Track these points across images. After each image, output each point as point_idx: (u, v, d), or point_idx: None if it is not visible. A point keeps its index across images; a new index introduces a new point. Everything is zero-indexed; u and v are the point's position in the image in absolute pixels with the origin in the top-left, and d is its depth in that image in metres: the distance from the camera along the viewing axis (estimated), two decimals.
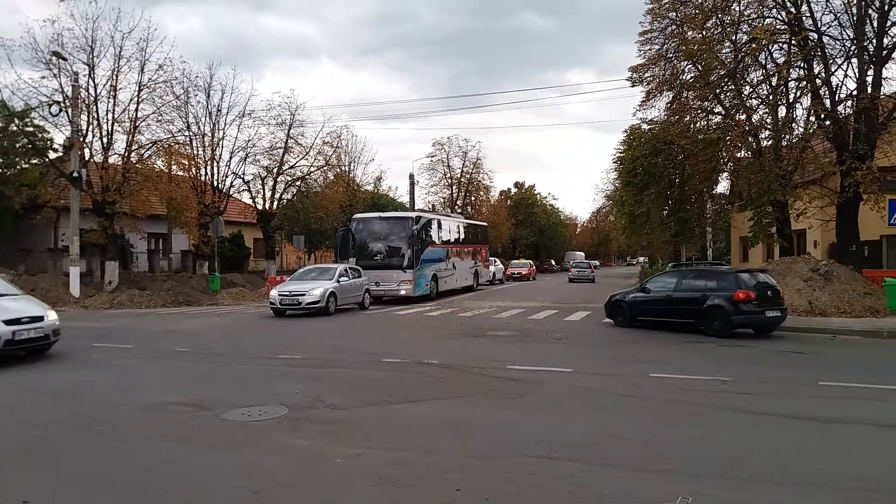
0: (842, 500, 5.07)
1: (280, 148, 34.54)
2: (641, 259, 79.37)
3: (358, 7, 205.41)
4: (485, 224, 42.10)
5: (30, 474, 5.80)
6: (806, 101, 22.82)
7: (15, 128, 26.81)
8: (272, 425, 7.26)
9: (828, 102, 21.66)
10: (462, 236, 33.60)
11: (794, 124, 23.22)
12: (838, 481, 5.47)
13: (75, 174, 24.73)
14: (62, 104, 25.09)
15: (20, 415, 8.01)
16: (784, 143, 23.18)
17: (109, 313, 22.50)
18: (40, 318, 11.61)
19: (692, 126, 25.67)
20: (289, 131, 34.37)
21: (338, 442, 6.60)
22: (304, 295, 20.17)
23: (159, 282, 29.09)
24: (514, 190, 79.62)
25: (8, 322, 11.09)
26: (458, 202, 61.08)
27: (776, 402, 8.41)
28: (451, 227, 32.13)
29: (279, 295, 20.41)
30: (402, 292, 25.52)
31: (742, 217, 29.81)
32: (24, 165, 28.75)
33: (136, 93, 26.47)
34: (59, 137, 27.21)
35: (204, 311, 23.38)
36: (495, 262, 44.59)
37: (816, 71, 21.98)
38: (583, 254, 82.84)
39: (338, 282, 21.45)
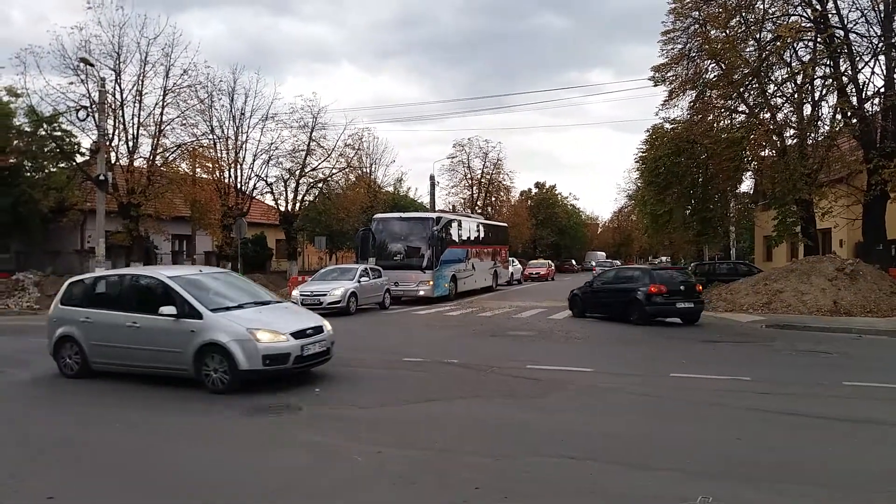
0: (866, 501, 5.02)
1: (302, 150, 34.73)
2: (663, 259, 78.65)
3: (377, 11, 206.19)
4: (504, 225, 41.71)
5: (54, 470, 5.93)
6: (832, 98, 22.53)
7: (43, 132, 27.25)
8: (292, 423, 7.34)
9: (854, 100, 21.38)
10: (481, 237, 33.30)
11: (819, 122, 22.95)
12: (863, 482, 5.42)
13: (101, 177, 25.06)
14: (89, 109, 25.47)
15: (37, 412, 8.17)
16: (809, 142, 22.91)
17: None
18: (320, 329, 9.72)
19: (715, 125, 25.41)
20: (311, 134, 34.54)
21: (357, 440, 6.65)
22: (325, 295, 20.30)
23: None
24: (534, 190, 79.30)
25: (295, 335, 9.14)
26: (478, 203, 60.97)
27: (799, 401, 8.32)
28: (470, 228, 31.88)
29: (301, 295, 20.54)
30: (422, 293, 25.45)
31: (766, 216, 29.45)
32: (51, 169, 29.22)
33: (161, 97, 26.83)
34: (85, 142, 27.65)
35: None
36: (514, 262, 44.42)
37: (843, 68, 21.70)
38: (604, 253, 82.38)
39: (359, 282, 21.50)
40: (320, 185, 37.22)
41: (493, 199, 63.07)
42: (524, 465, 5.85)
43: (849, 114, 21.55)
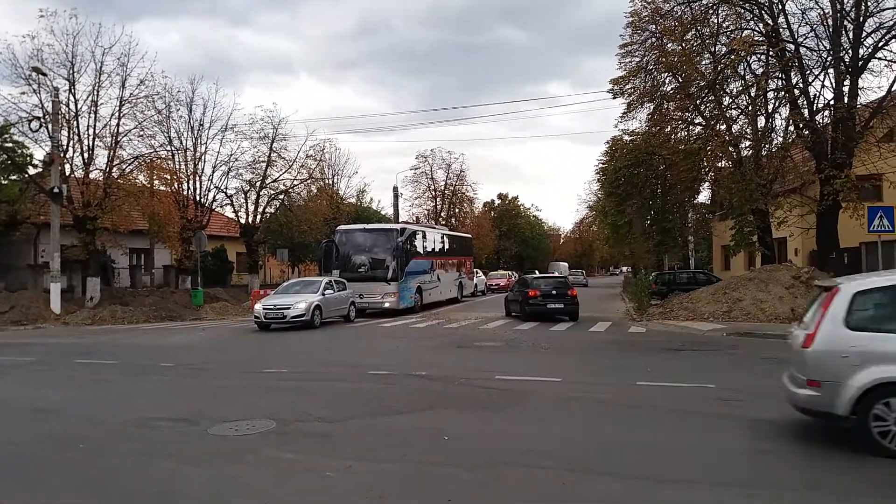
0: (846, 500, 5.11)
1: (263, 162, 34.37)
2: (624, 269, 79.77)
3: (334, 23, 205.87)
4: (469, 236, 41.97)
5: (15, 492, 5.71)
6: (785, 111, 23.19)
7: None
8: (260, 439, 7.20)
9: (806, 112, 21.99)
10: (446, 248, 33.44)
11: (773, 134, 23.58)
12: (827, 485, 5.52)
13: (56, 190, 24.47)
14: (42, 120, 24.87)
15: (2, 432, 7.88)
16: (764, 153, 23.51)
17: (91, 329, 22.23)
18: None
19: (673, 136, 25.94)
20: (272, 145, 34.23)
21: (327, 455, 6.56)
22: (288, 308, 19.97)
23: (142, 297, 28.78)
24: (497, 201, 79.77)
25: None
26: (442, 214, 61.07)
27: (766, 407, 8.44)
28: (435, 239, 31.92)
29: (263, 309, 20.21)
30: (387, 305, 25.32)
31: (723, 226, 30.11)
32: (2, 182, 28.35)
33: (118, 108, 26.27)
34: (39, 153, 26.94)
35: (188, 326, 23.16)
36: (478, 273, 44.56)
37: (794, 81, 22.32)
38: (566, 264, 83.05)
39: (323, 294, 21.23)
40: (281, 196, 36.86)
41: (457, 210, 63.25)
42: (496, 475, 5.84)
43: (801, 126, 22.15)
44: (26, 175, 27.17)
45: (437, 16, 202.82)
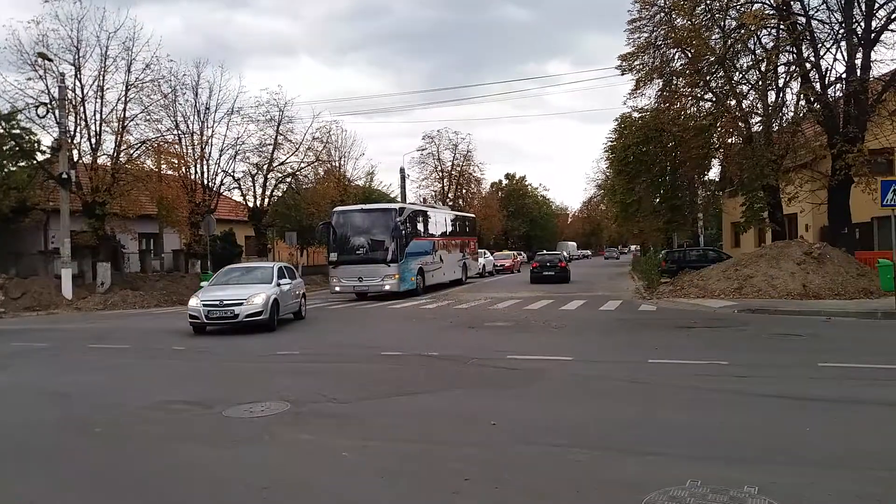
0: (850, 479, 5.08)
1: (269, 145, 34.41)
2: (633, 247, 79.56)
3: (332, 3, 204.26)
4: (473, 216, 41.24)
5: (33, 476, 5.75)
6: (796, 85, 22.93)
7: (1, 130, 26.51)
8: (275, 421, 7.22)
9: (818, 86, 21.75)
10: (449, 228, 32.80)
11: (784, 109, 23.33)
12: (846, 461, 5.49)
13: (64, 176, 24.52)
14: (49, 105, 24.87)
15: (20, 416, 7.94)
16: (775, 128, 23.27)
17: (103, 314, 22.37)
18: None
19: (683, 113, 25.70)
20: (278, 128, 34.24)
21: (342, 435, 6.57)
22: (241, 304, 15.17)
23: (152, 282, 28.93)
24: (505, 182, 79.52)
25: None
26: (449, 195, 60.95)
27: (777, 384, 8.43)
28: (437, 219, 31.20)
29: (203, 306, 15.24)
30: (387, 287, 24.54)
31: (733, 203, 29.91)
32: (11, 168, 28.38)
33: (124, 92, 26.27)
34: (46, 139, 26.95)
35: None
36: (485, 254, 44.31)
37: (806, 55, 22.06)
38: (574, 244, 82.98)
39: (278, 285, 16.46)
40: (289, 179, 36.91)
41: (464, 190, 63.14)
42: (512, 454, 5.83)
43: (812, 100, 21.91)
44: (34, 161, 27.22)
45: None
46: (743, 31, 21.77)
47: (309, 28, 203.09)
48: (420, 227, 28.35)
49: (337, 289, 25.07)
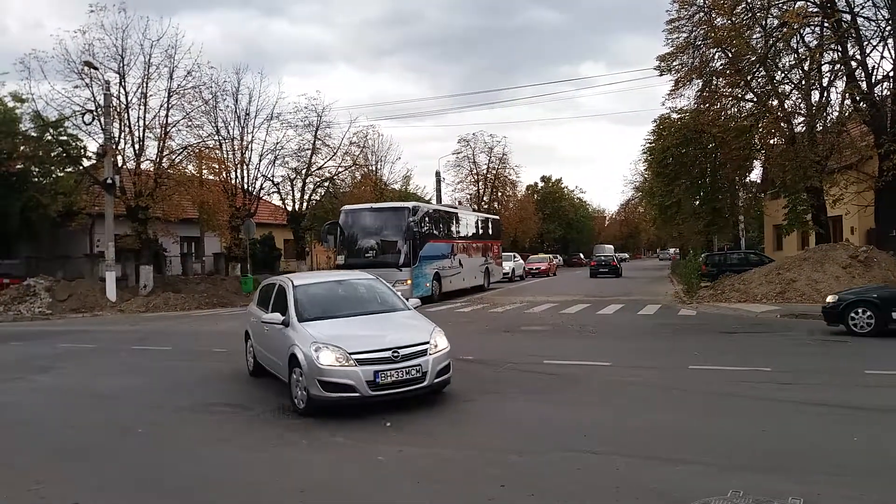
0: None
1: (308, 149, 34.79)
2: (672, 250, 78.43)
3: (366, 11, 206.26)
4: (497, 217, 39.33)
5: (77, 476, 5.90)
6: (841, 84, 22.35)
7: (49, 137, 27.28)
8: (313, 423, 7.28)
9: (864, 85, 21.18)
10: (471, 230, 30.69)
11: (828, 108, 22.74)
12: (894, 471, 5.32)
13: (109, 181, 25.13)
14: (95, 112, 25.52)
15: (65, 417, 8.15)
16: (819, 128, 22.70)
17: (146, 317, 22.84)
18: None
19: (723, 114, 25.23)
20: (316, 133, 34.60)
21: (379, 440, 6.60)
22: (422, 353, 7.89)
23: (193, 284, 29.46)
24: (540, 184, 79.17)
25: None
26: (484, 198, 60.89)
27: (823, 391, 8.22)
28: (456, 220, 29.03)
29: (362, 363, 7.48)
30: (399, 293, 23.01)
31: (775, 205, 29.28)
32: (59, 174, 29.27)
33: (166, 99, 26.79)
34: (92, 145, 27.70)
35: (238, 312, 23.53)
36: (515, 257, 43.13)
37: (851, 53, 21.50)
38: (612, 247, 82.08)
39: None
40: (326, 183, 37.28)
41: (499, 193, 62.96)
42: (549, 461, 5.79)
43: (858, 99, 21.35)
44: (81, 167, 27.98)
45: (467, 1, 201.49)
46: (785, 29, 21.32)
47: (344, 35, 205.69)
48: (436, 228, 26.31)
49: None
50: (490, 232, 34.02)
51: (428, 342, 7.90)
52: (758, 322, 16.05)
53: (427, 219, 25.19)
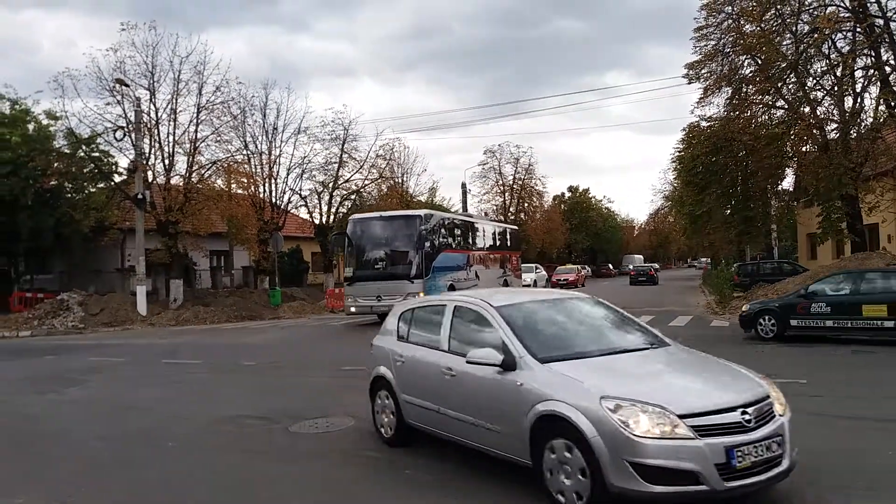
0: None
1: (335, 163, 35.03)
2: (703, 260, 77.45)
3: (390, 26, 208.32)
4: (515, 228, 37.59)
5: (109, 489, 5.89)
6: (874, 89, 21.88)
7: (82, 154, 27.82)
8: (341, 436, 7.23)
9: None
10: (488, 241, 28.98)
11: (862, 114, 22.31)
12: None
13: (140, 196, 25.51)
14: (126, 129, 25.98)
15: (96, 430, 8.18)
16: (853, 135, 22.25)
17: (175, 330, 23.06)
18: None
19: (753, 121, 24.88)
20: (342, 146, 34.83)
21: (406, 452, 6.51)
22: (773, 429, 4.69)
23: (222, 298, 29.72)
24: (567, 194, 78.86)
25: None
26: (510, 209, 60.80)
27: (859, 404, 7.97)
28: (472, 230, 27.53)
29: (705, 443, 4.33)
30: None
31: (809, 213, 28.74)
32: (91, 189, 29.85)
33: (195, 115, 27.20)
34: (123, 161, 28.27)
35: (267, 325, 23.73)
36: (537, 268, 42.29)
37: (885, 58, 21.07)
38: (641, 257, 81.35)
39: None
40: (353, 196, 37.46)
41: (526, 204, 62.78)
42: None
43: (893, 104, 20.89)
44: (112, 183, 28.49)
45: (490, 13, 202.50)
46: (816, 35, 20.98)
47: (368, 49, 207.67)
48: (451, 237, 24.72)
49: (353, 309, 21.41)
50: (508, 243, 32.39)
51: (769, 395, 4.95)
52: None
53: (441, 228, 23.76)
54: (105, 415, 9.17)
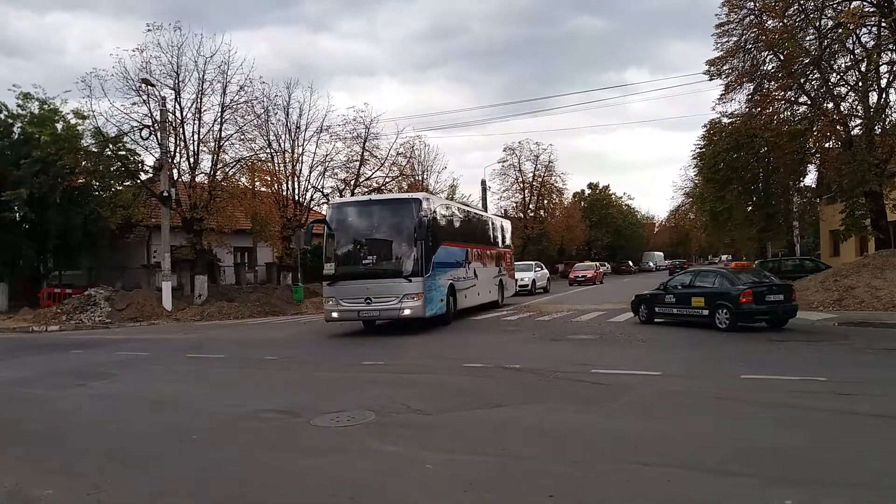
0: None
1: (356, 161, 35.24)
2: (724, 257, 76.81)
3: (411, 25, 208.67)
4: (508, 221, 34.19)
5: (134, 481, 6.09)
6: None
7: (109, 152, 28.32)
8: (362, 431, 7.38)
9: None
10: (485, 234, 26.14)
11: (887, 110, 22.07)
12: None
13: (165, 194, 25.93)
14: (151, 128, 26.41)
15: (121, 424, 8.42)
16: (877, 131, 22.03)
17: (200, 325, 23.42)
18: None
19: (776, 117, 24.71)
20: (364, 144, 35.04)
21: (427, 447, 6.65)
22: None
23: (246, 293, 30.09)
24: (588, 191, 78.53)
25: None
26: (530, 206, 60.69)
27: (880, 403, 7.97)
28: (470, 220, 24.19)
29: None
30: (407, 312, 17.18)
31: (832, 210, 28.48)
32: (118, 187, 30.36)
33: (220, 114, 27.55)
34: (149, 159, 28.65)
35: (290, 321, 24.02)
36: (535, 267, 38.81)
37: None
38: (661, 254, 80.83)
39: None
40: (374, 193, 37.63)
41: (546, 201, 62.64)
42: (598, 471, 5.75)
43: None
44: (138, 181, 28.97)
45: (510, 12, 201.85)
46: (840, 30, 20.83)
47: (388, 49, 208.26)
48: (450, 227, 20.94)
49: (334, 314, 17.87)
50: (504, 238, 29.37)
51: None
52: (814, 330, 15.63)
53: (441, 216, 20.10)
54: (132, 408, 9.41)
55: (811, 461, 5.85)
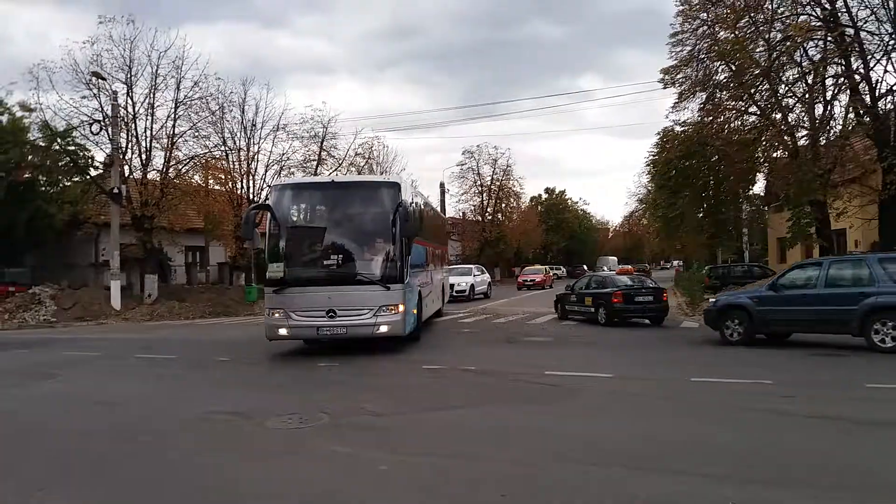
0: None
1: (314, 160, 34.98)
2: (675, 262, 78.43)
3: (369, 23, 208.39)
4: (445, 216, 30.31)
5: (80, 484, 5.93)
6: (844, 98, 22.33)
7: (57, 147, 27.58)
8: (314, 433, 7.31)
9: (867, 98, 21.21)
10: (439, 230, 23.13)
11: (832, 122, 22.78)
12: (894, 485, 5.34)
13: (115, 190, 25.32)
14: (102, 123, 25.77)
15: (69, 424, 8.19)
16: (822, 142, 22.74)
17: (150, 325, 22.93)
18: None
19: (727, 126, 25.31)
20: (322, 144, 34.83)
21: (380, 449, 6.62)
22: None
23: (197, 293, 29.58)
24: (544, 196, 79.32)
25: None
26: (488, 209, 61.03)
27: (823, 405, 8.23)
28: (430, 214, 20.48)
29: None
30: (384, 329, 13.06)
31: (779, 218, 29.31)
32: (66, 183, 29.59)
33: (173, 110, 27.12)
34: (99, 155, 28.00)
35: (242, 322, 23.68)
36: (478, 270, 35.91)
37: (855, 67, 21.53)
38: (615, 258, 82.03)
39: None
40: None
41: (504, 205, 63.07)
42: (550, 472, 5.81)
43: (861, 112, 21.38)
44: (88, 177, 28.26)
45: (469, 14, 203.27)
46: (789, 43, 21.39)
47: (346, 47, 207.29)
48: (420, 223, 15.68)
49: (282, 332, 13.17)
50: (442, 235, 25.80)
51: None
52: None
53: (416, 206, 15.74)
54: (78, 409, 9.16)
55: (755, 460, 6.00)
